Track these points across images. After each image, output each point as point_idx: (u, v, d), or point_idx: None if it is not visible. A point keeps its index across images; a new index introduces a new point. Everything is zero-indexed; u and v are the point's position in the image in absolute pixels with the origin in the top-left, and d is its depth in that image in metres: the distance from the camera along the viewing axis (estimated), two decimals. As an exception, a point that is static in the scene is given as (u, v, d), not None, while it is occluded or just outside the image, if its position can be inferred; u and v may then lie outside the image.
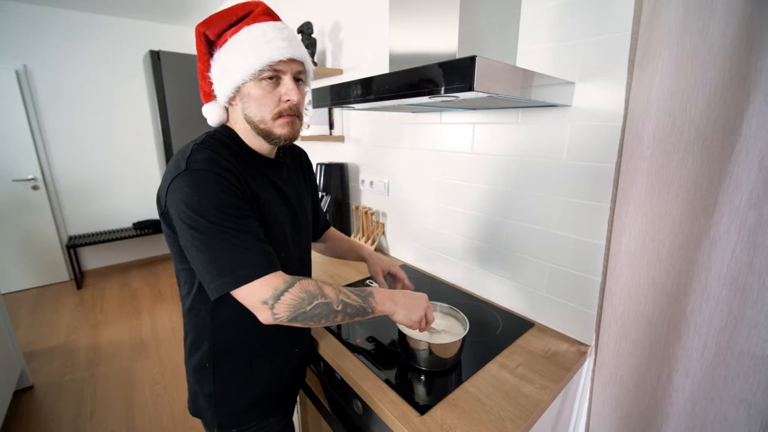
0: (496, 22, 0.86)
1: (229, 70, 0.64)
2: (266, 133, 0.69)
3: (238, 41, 0.63)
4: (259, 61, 0.62)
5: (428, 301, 0.77)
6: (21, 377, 1.92)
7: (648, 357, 0.80)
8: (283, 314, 0.60)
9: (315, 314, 0.62)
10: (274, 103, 0.67)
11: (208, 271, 0.59)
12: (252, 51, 0.62)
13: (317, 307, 0.62)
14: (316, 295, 0.62)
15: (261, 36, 0.63)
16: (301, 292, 0.61)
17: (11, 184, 2.97)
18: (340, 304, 0.64)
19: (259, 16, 0.65)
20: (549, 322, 1.01)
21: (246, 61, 0.62)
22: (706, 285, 0.71)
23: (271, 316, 0.60)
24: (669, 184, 0.70)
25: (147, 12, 3.12)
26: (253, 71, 0.63)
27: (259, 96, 0.65)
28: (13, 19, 2.83)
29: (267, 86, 0.65)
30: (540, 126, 0.93)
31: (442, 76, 0.60)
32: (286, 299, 0.60)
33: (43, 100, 3.03)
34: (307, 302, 0.61)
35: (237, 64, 0.63)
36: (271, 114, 0.67)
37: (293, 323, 0.62)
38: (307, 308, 0.61)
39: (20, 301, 2.97)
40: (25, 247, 3.11)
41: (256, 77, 0.64)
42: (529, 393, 0.75)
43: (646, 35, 0.69)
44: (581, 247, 0.90)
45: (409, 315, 0.72)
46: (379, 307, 0.69)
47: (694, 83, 0.64)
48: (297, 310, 0.61)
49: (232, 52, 0.64)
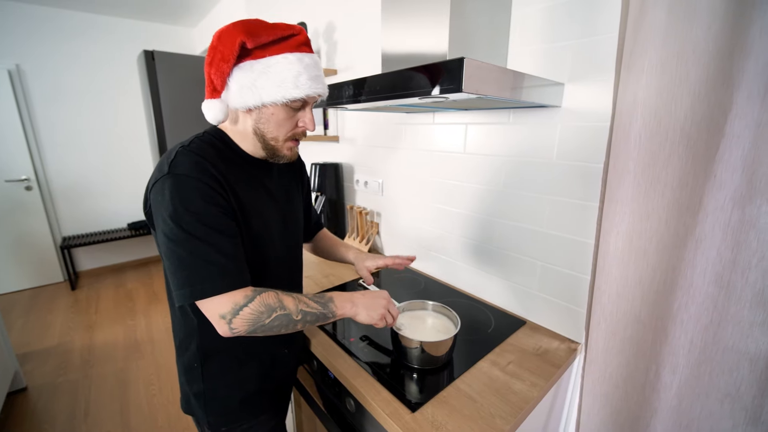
0: (486, 24, 0.87)
1: (260, 87, 0.63)
2: (273, 150, 0.71)
3: (277, 64, 0.63)
4: (296, 94, 0.64)
5: (388, 298, 0.78)
6: (15, 379, 1.91)
7: (636, 354, 0.82)
8: (241, 328, 0.62)
9: (274, 326, 0.64)
10: (291, 127, 0.70)
11: (172, 279, 0.61)
12: (292, 82, 0.64)
13: (276, 319, 0.64)
14: (275, 308, 0.64)
15: (303, 69, 0.64)
16: (260, 306, 0.62)
17: (4, 184, 2.95)
18: (299, 314, 0.66)
19: (301, 45, 0.66)
20: (540, 320, 1.02)
21: (283, 87, 0.63)
22: (692, 282, 0.72)
23: (229, 330, 0.61)
24: (655, 184, 0.71)
25: (141, 12, 3.11)
26: (287, 100, 0.65)
27: (281, 119, 0.68)
28: (5, 18, 2.80)
29: (290, 111, 0.68)
30: (531, 126, 0.94)
31: (431, 77, 0.61)
32: (245, 314, 0.61)
33: (36, 99, 3.01)
34: (266, 315, 0.63)
35: (271, 86, 0.63)
36: (285, 136, 0.70)
37: (252, 335, 0.64)
38: (266, 321, 0.63)
39: (14, 302, 2.95)
40: (18, 248, 3.09)
41: (286, 104, 0.66)
42: (520, 390, 0.76)
43: (633, 36, 0.70)
44: (571, 246, 0.91)
45: (371, 314, 0.73)
46: (339, 311, 0.71)
47: (678, 84, 0.65)
48: (255, 324, 0.62)
49: (268, 72, 0.63)
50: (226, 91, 0.67)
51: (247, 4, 2.41)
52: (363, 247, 1.63)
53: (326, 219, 1.74)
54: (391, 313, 0.77)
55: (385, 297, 0.77)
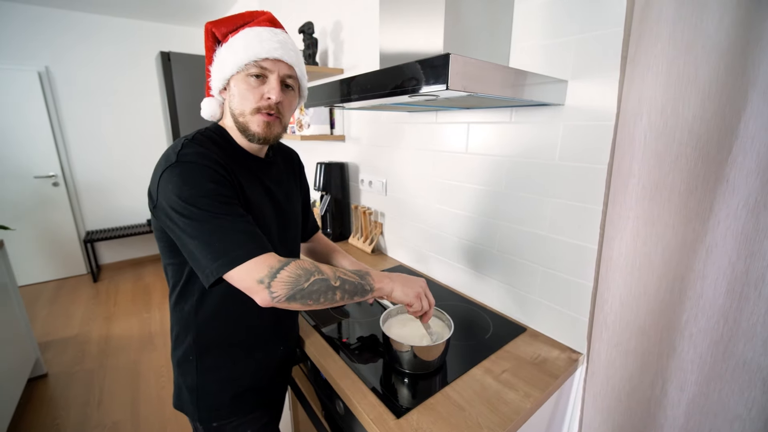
0: (486, 21, 0.84)
1: (221, 63, 0.68)
2: (243, 127, 0.70)
3: (235, 39, 0.67)
4: (247, 56, 0.65)
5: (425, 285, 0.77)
6: (36, 365, 2.00)
7: (641, 368, 0.77)
8: (281, 292, 0.58)
9: (313, 291, 0.61)
10: (255, 99, 0.68)
11: (203, 256, 0.59)
12: (243, 47, 0.66)
13: (315, 284, 0.61)
14: (312, 272, 0.62)
15: (255, 36, 0.67)
16: (297, 269, 0.61)
17: (33, 180, 3.11)
18: (337, 281, 0.64)
19: (261, 21, 0.69)
20: (541, 327, 0.98)
21: (236, 56, 0.66)
22: (702, 294, 0.67)
23: (269, 295, 0.58)
24: (661, 187, 0.67)
25: (160, 14, 3.21)
26: (240, 65, 0.66)
27: (243, 90, 0.68)
28: (36, 22, 2.95)
29: (253, 82, 0.67)
30: (532, 125, 0.91)
31: (419, 75, 0.59)
32: (283, 277, 0.59)
33: (63, 99, 3.16)
34: (304, 279, 0.60)
35: (229, 58, 0.67)
36: (250, 108, 0.68)
37: (292, 303, 0.60)
38: (304, 285, 0.60)
39: (40, 292, 3.10)
40: (45, 241, 3.25)
41: (243, 71, 0.67)
42: (511, 400, 0.73)
43: (638, 30, 0.66)
44: (574, 251, 0.87)
45: (407, 291, 0.72)
46: (377, 284, 0.69)
47: (687, 80, 0.61)
48: (294, 287, 0.59)
49: (228, 49, 0.67)
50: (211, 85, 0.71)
51: (260, 6, 2.44)
52: (367, 247, 1.62)
53: (331, 218, 1.74)
54: (428, 297, 0.77)
55: (423, 281, 0.77)
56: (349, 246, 1.70)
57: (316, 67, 1.59)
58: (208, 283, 0.59)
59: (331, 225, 1.75)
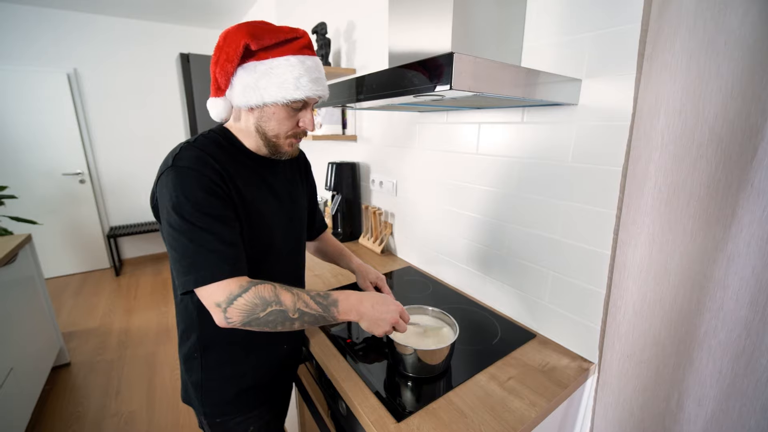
0: (497, 19, 0.82)
1: (262, 87, 0.65)
2: (275, 147, 0.73)
3: (280, 66, 0.64)
4: (297, 95, 0.66)
5: (399, 312, 0.74)
6: (60, 354, 2.10)
7: (655, 380, 0.73)
8: (235, 318, 0.61)
9: (269, 321, 0.63)
10: (291, 126, 0.71)
11: (175, 268, 0.64)
12: (293, 84, 0.65)
13: (271, 314, 0.63)
14: (270, 302, 0.63)
15: (305, 73, 0.66)
16: (255, 298, 0.62)
17: (61, 177, 3.26)
18: (296, 312, 0.65)
19: (303, 48, 0.67)
20: (551, 334, 0.95)
21: (284, 88, 0.65)
22: (722, 305, 0.64)
23: (224, 319, 0.61)
24: (679, 191, 0.64)
25: (180, 17, 3.30)
26: (287, 101, 0.66)
27: (282, 118, 0.69)
28: (66, 26, 3.09)
29: (291, 111, 0.69)
30: (545, 126, 0.88)
31: (423, 74, 0.58)
32: (239, 304, 0.61)
33: (89, 100, 3.29)
34: (260, 308, 0.62)
35: (273, 86, 0.65)
36: (285, 134, 0.72)
37: (247, 327, 0.63)
38: (260, 314, 0.62)
39: (66, 284, 3.25)
40: (71, 236, 3.40)
41: (287, 104, 0.67)
42: (516, 408, 0.71)
43: (657, 25, 0.63)
44: (586, 257, 0.84)
45: (372, 329, 0.71)
46: (342, 316, 0.69)
47: (708, 78, 0.57)
48: (250, 315, 0.62)
49: (270, 73, 0.64)
50: (230, 90, 0.69)
51: (277, 6, 2.48)
52: (376, 248, 1.62)
53: (342, 218, 1.74)
54: (397, 328, 0.74)
55: (394, 312, 0.73)
56: (359, 246, 1.70)
57: (328, 68, 1.60)
58: (179, 293, 0.64)
59: (341, 225, 1.76)
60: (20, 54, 2.98)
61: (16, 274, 1.75)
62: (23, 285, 1.82)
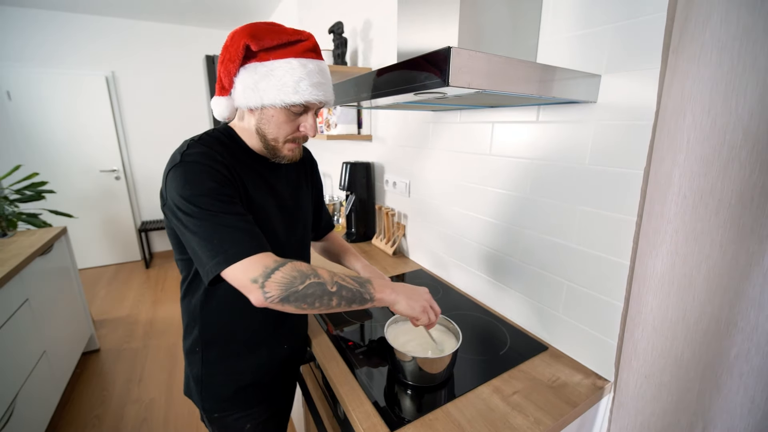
0: (509, 13, 0.78)
1: (262, 89, 0.64)
2: (274, 150, 0.72)
3: (280, 68, 0.63)
4: (296, 99, 0.64)
5: (429, 294, 0.73)
6: (90, 341, 2.23)
7: (676, 404, 0.67)
8: (275, 293, 0.58)
9: (308, 294, 0.59)
10: (291, 130, 0.70)
11: (202, 253, 0.60)
12: (292, 87, 0.63)
13: (310, 287, 0.60)
14: (308, 274, 0.60)
15: (305, 76, 0.64)
16: (293, 270, 0.60)
17: (99, 174, 3.47)
18: (334, 286, 0.62)
19: (307, 51, 0.65)
20: (564, 347, 0.89)
21: (283, 92, 0.63)
22: (757, 326, 0.57)
23: (262, 295, 0.58)
24: (707, 198, 0.57)
25: (207, 20, 3.42)
26: (285, 104, 0.65)
27: (281, 121, 0.68)
28: (104, 30, 3.29)
29: (291, 115, 0.68)
30: (561, 125, 0.83)
31: (419, 71, 0.56)
32: (277, 277, 0.58)
33: (125, 101, 3.49)
34: (299, 281, 0.59)
35: (272, 89, 0.63)
36: (284, 138, 0.70)
37: (286, 305, 0.59)
38: (299, 287, 0.59)
39: (101, 275, 3.45)
40: (107, 229, 3.62)
41: (286, 108, 0.66)
42: (519, 426, 0.67)
43: (684, 13, 0.57)
44: (603, 266, 0.78)
45: (412, 304, 0.69)
46: (378, 294, 0.66)
47: (742, 71, 0.51)
48: (288, 288, 0.58)
49: (270, 75, 0.63)
50: (233, 90, 0.68)
51: (299, 7, 2.51)
52: (389, 249, 1.59)
53: (356, 218, 1.74)
54: (434, 309, 0.73)
55: (426, 292, 0.73)
56: (371, 247, 1.69)
57: (345, 67, 1.59)
58: (207, 280, 0.60)
59: (355, 225, 1.75)
60: (63, 58, 3.20)
61: (52, 264, 1.87)
62: (58, 274, 1.94)
